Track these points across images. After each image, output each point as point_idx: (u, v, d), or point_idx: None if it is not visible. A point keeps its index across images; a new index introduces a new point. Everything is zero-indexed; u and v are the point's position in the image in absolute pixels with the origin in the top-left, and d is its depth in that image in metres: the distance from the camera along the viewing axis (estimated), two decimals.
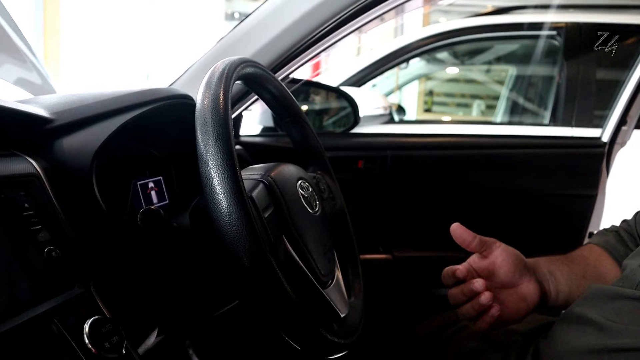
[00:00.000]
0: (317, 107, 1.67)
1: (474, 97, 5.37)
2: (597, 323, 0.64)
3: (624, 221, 0.86)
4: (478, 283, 0.70)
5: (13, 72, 0.97)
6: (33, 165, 0.58)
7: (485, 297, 0.70)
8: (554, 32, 2.08)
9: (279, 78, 0.92)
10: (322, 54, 0.98)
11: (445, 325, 0.94)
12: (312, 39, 0.91)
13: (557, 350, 0.68)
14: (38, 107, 0.63)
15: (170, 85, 1.00)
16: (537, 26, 2.12)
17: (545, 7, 2.24)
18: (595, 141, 1.58)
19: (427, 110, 5.78)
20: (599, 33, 1.95)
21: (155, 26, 6.49)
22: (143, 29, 6.36)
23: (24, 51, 0.96)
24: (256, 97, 0.97)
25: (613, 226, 0.86)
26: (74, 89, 0.83)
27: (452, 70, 4.16)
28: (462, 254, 0.77)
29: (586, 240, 1.55)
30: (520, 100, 2.55)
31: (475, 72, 4.22)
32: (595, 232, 1.57)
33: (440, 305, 1.51)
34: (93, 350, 0.50)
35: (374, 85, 2.67)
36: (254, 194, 0.63)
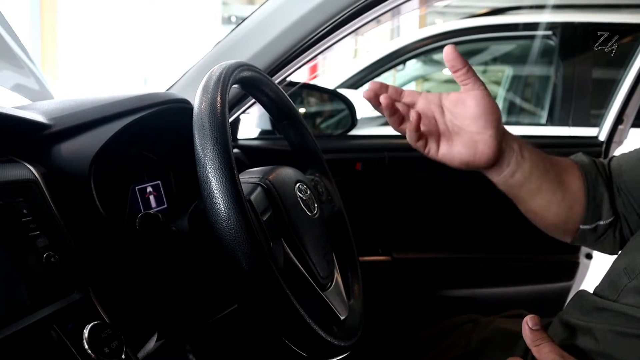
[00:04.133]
0: (314, 109, 1.67)
1: None
2: (589, 330, 0.64)
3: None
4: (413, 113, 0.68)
5: (10, 78, 0.97)
6: (31, 171, 0.58)
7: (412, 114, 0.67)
8: (549, 32, 2.09)
9: (276, 81, 0.93)
10: (319, 57, 0.98)
11: (446, 328, 0.94)
12: (308, 41, 0.91)
13: None
14: (36, 113, 0.63)
15: (168, 89, 1.00)
16: (533, 26, 2.13)
17: (541, 7, 2.24)
18: (592, 140, 1.58)
19: None
20: (595, 32, 1.96)
21: (152, 30, 6.50)
22: (140, 34, 6.37)
23: (21, 57, 0.96)
24: (253, 100, 0.97)
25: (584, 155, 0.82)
26: (72, 94, 0.83)
27: (449, 72, 4.16)
28: (461, 255, 0.76)
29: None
30: (517, 100, 2.55)
31: None
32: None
33: (441, 306, 1.51)
34: (93, 355, 0.50)
35: None
36: (252, 197, 0.63)
